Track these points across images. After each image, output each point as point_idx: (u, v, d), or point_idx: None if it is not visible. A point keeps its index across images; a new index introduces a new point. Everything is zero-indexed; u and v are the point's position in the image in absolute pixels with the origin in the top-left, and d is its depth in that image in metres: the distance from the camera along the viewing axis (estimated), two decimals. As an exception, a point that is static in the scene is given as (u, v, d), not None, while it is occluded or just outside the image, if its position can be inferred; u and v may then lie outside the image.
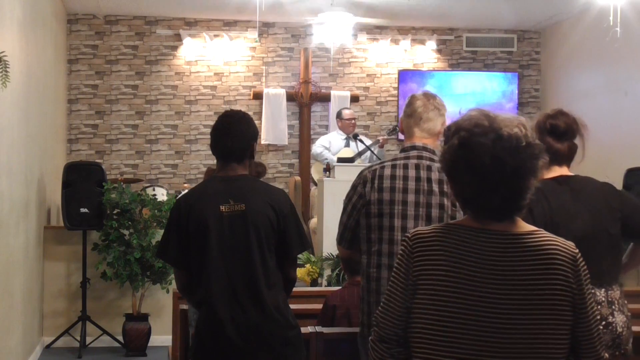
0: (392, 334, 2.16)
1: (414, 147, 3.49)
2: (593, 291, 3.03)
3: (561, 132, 3.21)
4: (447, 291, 2.08)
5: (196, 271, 3.42)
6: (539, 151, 2.11)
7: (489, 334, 2.05)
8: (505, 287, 2.07)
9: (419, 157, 3.46)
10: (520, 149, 2.07)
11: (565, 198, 3.16)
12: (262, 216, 3.38)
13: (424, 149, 3.48)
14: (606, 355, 2.21)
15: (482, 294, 2.06)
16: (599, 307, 3.05)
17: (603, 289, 3.10)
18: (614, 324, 3.06)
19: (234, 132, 3.46)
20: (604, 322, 3.03)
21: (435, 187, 3.40)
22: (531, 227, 2.17)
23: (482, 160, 2.06)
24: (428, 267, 2.12)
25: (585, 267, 2.15)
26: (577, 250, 2.15)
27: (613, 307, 3.08)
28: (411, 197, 3.40)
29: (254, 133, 3.53)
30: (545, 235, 2.15)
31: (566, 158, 3.25)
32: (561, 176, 3.22)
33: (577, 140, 3.27)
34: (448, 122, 3.44)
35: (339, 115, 9.13)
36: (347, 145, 8.90)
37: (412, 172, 3.43)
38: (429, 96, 3.58)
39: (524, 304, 2.06)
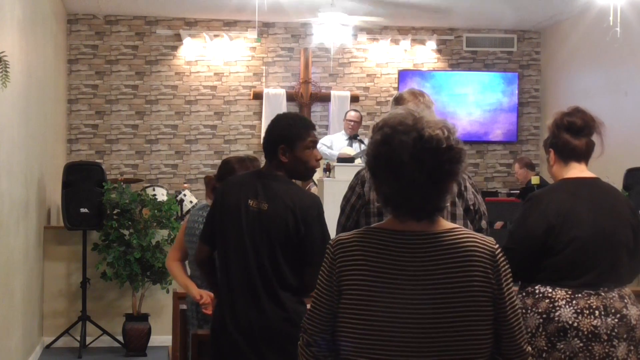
0: (319, 339, 2.19)
1: None
2: (605, 292, 3.06)
3: (578, 129, 3.27)
4: (368, 294, 2.10)
5: (217, 255, 3.51)
6: (459, 155, 2.12)
7: (411, 335, 2.06)
8: (420, 287, 2.09)
9: None
10: (440, 150, 2.08)
11: (584, 200, 3.21)
12: (280, 220, 3.37)
13: None
14: (529, 349, 2.21)
15: (399, 296, 2.08)
16: (611, 300, 3.07)
17: (616, 289, 3.12)
18: (628, 316, 3.07)
19: (266, 131, 3.54)
20: (618, 315, 3.05)
21: None
22: (450, 225, 2.17)
23: (402, 158, 2.08)
24: (350, 272, 2.14)
25: (505, 262, 2.15)
26: (497, 246, 2.15)
27: (625, 300, 3.11)
28: None
29: (278, 135, 3.47)
30: (463, 232, 2.16)
31: (584, 154, 3.31)
32: (583, 179, 3.28)
33: (594, 137, 3.31)
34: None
35: (345, 115, 9.17)
36: (350, 145, 8.90)
37: None
38: (417, 95, 3.57)
39: (442, 302, 2.07)
